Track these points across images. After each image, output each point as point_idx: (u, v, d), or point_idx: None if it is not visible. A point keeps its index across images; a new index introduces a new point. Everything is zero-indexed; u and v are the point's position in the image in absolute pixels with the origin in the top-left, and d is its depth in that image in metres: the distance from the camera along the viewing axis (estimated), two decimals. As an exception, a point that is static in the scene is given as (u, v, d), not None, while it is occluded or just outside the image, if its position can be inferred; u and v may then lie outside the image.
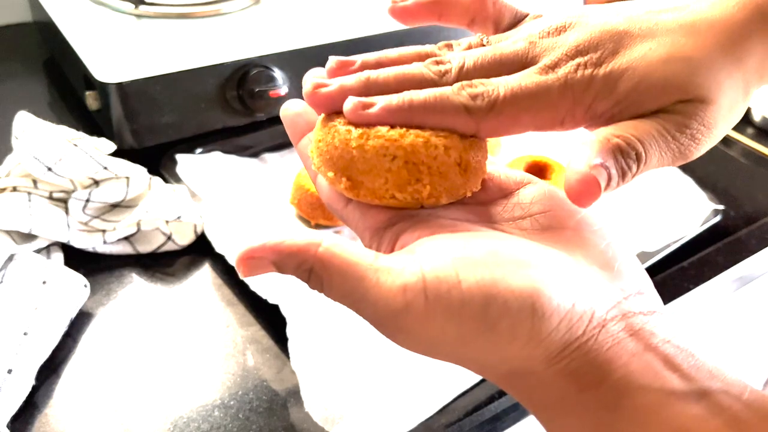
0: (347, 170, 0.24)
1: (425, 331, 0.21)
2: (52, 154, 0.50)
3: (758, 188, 0.67)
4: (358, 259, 0.22)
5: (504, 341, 0.21)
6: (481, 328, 0.21)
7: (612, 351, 0.21)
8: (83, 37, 0.60)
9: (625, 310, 0.22)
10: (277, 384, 0.44)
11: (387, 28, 0.68)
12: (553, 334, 0.21)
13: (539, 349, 0.21)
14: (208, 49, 0.59)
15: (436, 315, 0.21)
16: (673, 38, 0.24)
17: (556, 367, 0.21)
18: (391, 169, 0.23)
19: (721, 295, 0.57)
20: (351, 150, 0.24)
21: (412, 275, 0.21)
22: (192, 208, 0.53)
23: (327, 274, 0.22)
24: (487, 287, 0.20)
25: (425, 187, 0.24)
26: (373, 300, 0.21)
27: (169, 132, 0.59)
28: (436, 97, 0.24)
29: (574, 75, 0.24)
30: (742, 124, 0.77)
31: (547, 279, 0.21)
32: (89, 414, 0.41)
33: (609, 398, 0.21)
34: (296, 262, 0.22)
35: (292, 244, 0.22)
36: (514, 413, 0.45)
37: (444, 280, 0.21)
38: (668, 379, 0.20)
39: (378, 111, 0.24)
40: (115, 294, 0.49)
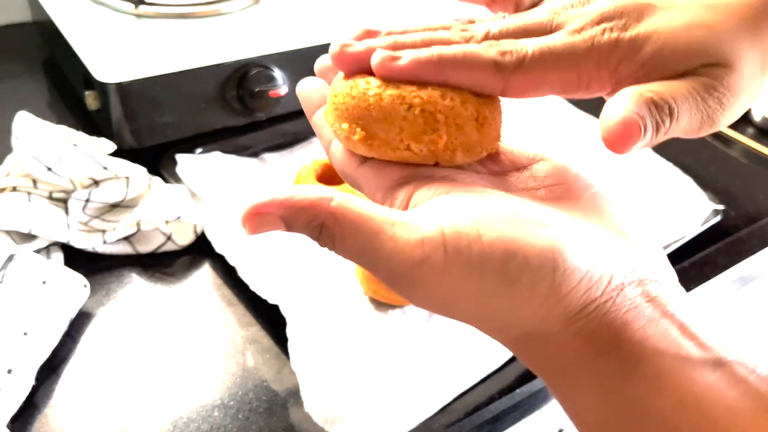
0: (362, 119, 0.23)
1: (443, 287, 0.20)
2: (52, 154, 0.50)
3: (759, 188, 0.67)
4: (373, 214, 0.21)
5: (524, 298, 0.20)
6: (500, 284, 0.20)
7: (630, 314, 0.21)
8: (83, 37, 0.60)
9: (642, 276, 0.22)
10: (276, 384, 0.43)
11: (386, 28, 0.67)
12: (573, 293, 0.20)
13: (558, 307, 0.21)
14: (207, 49, 0.59)
15: (456, 269, 0.20)
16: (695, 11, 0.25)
17: (573, 327, 0.21)
18: (407, 118, 0.23)
19: (722, 295, 0.56)
20: (368, 99, 0.23)
21: (430, 229, 0.20)
22: (192, 208, 0.53)
23: (339, 228, 0.21)
24: (508, 242, 0.20)
25: (441, 138, 0.23)
26: (388, 254, 0.21)
27: (168, 132, 0.59)
28: (466, 53, 0.24)
29: (600, 38, 0.24)
30: (743, 124, 0.77)
31: (568, 238, 0.21)
32: (89, 414, 0.41)
33: (625, 363, 0.20)
34: (307, 217, 0.21)
35: (303, 198, 0.21)
36: (513, 413, 0.45)
37: (464, 234, 0.20)
38: (685, 346, 0.20)
39: (407, 63, 0.23)
40: (115, 294, 0.49)
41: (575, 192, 0.24)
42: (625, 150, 0.23)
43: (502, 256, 0.20)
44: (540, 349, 0.22)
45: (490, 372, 0.44)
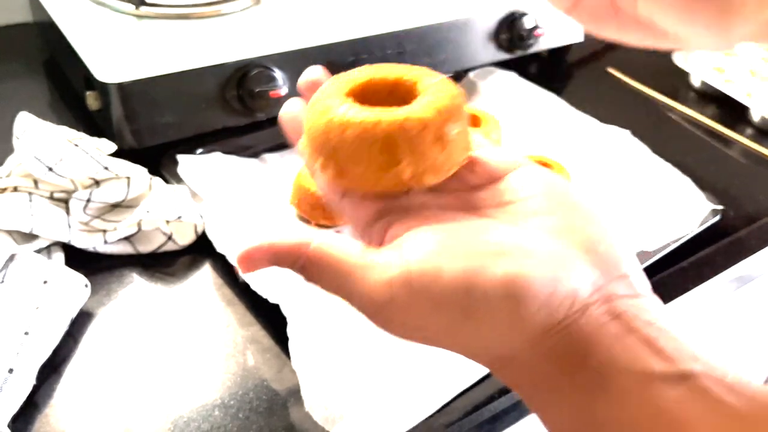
0: (333, 158, 0.25)
1: (411, 321, 0.22)
2: (53, 154, 0.50)
3: (758, 188, 0.67)
4: (346, 256, 0.23)
5: (487, 327, 0.22)
6: (464, 317, 0.21)
7: (594, 334, 0.21)
8: (84, 37, 0.60)
9: (608, 293, 0.22)
10: (277, 384, 0.44)
11: (387, 29, 0.68)
12: (534, 319, 0.21)
13: (522, 334, 0.22)
14: (208, 49, 0.59)
15: (421, 306, 0.22)
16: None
17: (540, 349, 0.22)
18: (372, 154, 0.24)
19: (721, 295, 0.57)
20: (334, 138, 0.24)
21: (396, 269, 0.22)
22: (192, 208, 0.54)
23: (317, 270, 0.23)
24: (467, 278, 0.21)
25: (407, 168, 0.24)
26: (359, 294, 0.23)
27: (169, 132, 0.59)
28: None
29: None
30: (742, 124, 0.77)
31: (526, 265, 0.22)
32: (90, 413, 0.41)
33: (590, 380, 0.21)
34: (289, 260, 0.24)
35: (285, 244, 0.24)
36: (513, 413, 0.45)
37: (427, 272, 0.22)
38: (650, 361, 0.21)
39: None
40: (116, 294, 0.50)
41: (549, 205, 0.25)
42: None
43: (463, 291, 0.21)
44: (512, 370, 0.23)
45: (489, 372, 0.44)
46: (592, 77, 0.85)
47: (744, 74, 0.82)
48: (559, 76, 0.85)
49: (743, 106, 0.77)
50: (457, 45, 0.73)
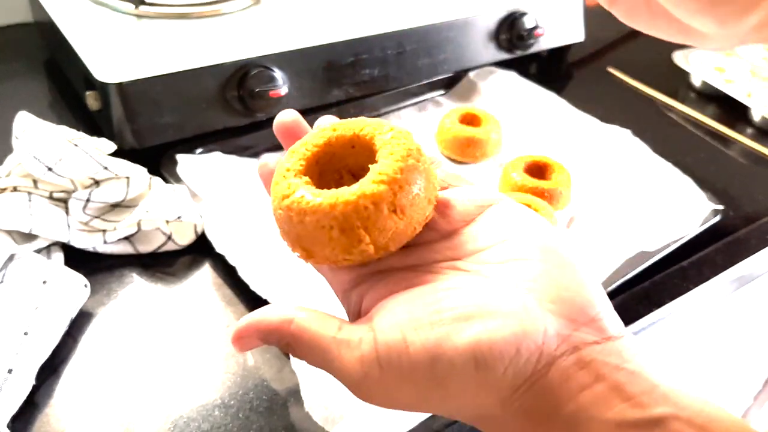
0: (299, 242, 0.26)
1: (386, 393, 0.23)
2: (53, 154, 0.50)
3: (758, 188, 0.67)
4: (323, 334, 0.25)
5: (455, 395, 0.23)
6: (432, 386, 0.22)
7: (563, 386, 0.22)
8: (84, 37, 0.60)
9: (575, 342, 0.22)
10: (277, 383, 0.44)
11: (387, 29, 0.68)
12: (502, 381, 0.22)
13: (491, 396, 0.22)
14: (208, 49, 0.59)
15: (391, 380, 0.23)
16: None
17: (510, 408, 0.23)
18: (332, 238, 0.25)
19: (721, 295, 0.57)
20: (296, 225, 0.26)
21: (366, 345, 0.23)
22: (192, 208, 0.54)
23: (299, 347, 0.25)
24: (432, 349, 0.22)
25: (369, 246, 0.25)
26: (338, 369, 0.24)
27: (169, 132, 0.59)
28: None
29: None
30: (742, 124, 0.77)
31: (489, 328, 0.22)
32: (90, 413, 0.41)
33: (563, 431, 0.22)
34: (276, 338, 0.26)
35: (270, 323, 0.26)
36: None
37: (393, 347, 0.23)
38: (619, 409, 0.21)
39: None
40: (116, 294, 0.50)
41: (519, 249, 0.25)
42: None
43: (428, 363, 0.22)
44: (489, 427, 0.24)
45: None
46: (592, 77, 0.85)
47: (744, 74, 0.82)
48: (559, 76, 0.85)
49: (743, 106, 0.77)
50: (457, 45, 0.73)
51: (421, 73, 0.72)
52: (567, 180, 0.59)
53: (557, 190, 0.58)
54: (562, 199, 0.58)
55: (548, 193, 0.57)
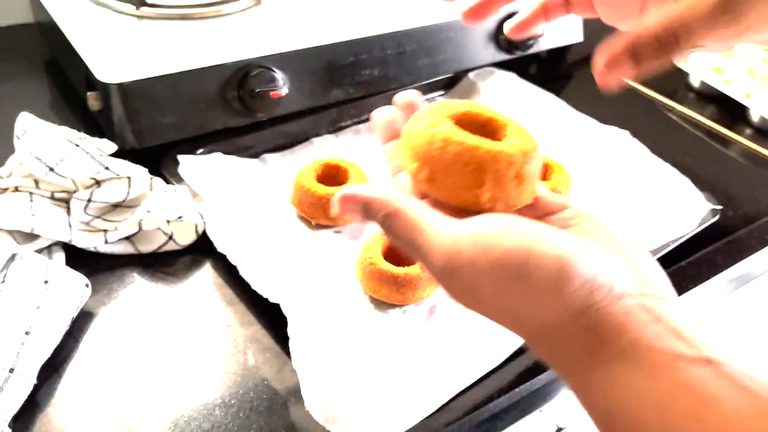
0: (429, 165, 0.29)
1: (470, 277, 0.25)
2: (54, 154, 0.50)
3: (757, 188, 0.67)
4: (424, 217, 0.27)
5: (534, 294, 0.25)
6: (516, 279, 0.25)
7: (628, 318, 0.24)
8: (85, 38, 0.60)
9: (640, 291, 0.25)
10: (277, 383, 0.44)
11: (387, 29, 0.68)
12: (576, 294, 0.25)
13: (564, 304, 0.25)
14: (209, 49, 0.59)
15: (481, 263, 0.25)
16: None
17: (579, 323, 0.25)
18: (463, 173, 0.28)
19: (720, 294, 0.57)
20: (435, 150, 0.29)
21: (465, 232, 0.26)
22: (193, 208, 0.54)
23: (397, 223, 0.27)
24: (525, 247, 0.25)
25: (486, 192, 0.28)
26: (430, 246, 0.26)
27: (170, 132, 0.59)
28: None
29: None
30: (741, 124, 0.77)
31: (576, 251, 0.25)
32: (91, 413, 0.41)
33: (623, 354, 0.24)
34: (377, 209, 0.28)
35: (377, 197, 0.28)
36: (513, 412, 0.45)
37: (491, 236, 0.25)
38: (677, 345, 0.23)
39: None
40: (117, 293, 0.50)
41: (596, 235, 0.28)
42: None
43: (519, 258, 0.25)
44: (551, 340, 0.26)
45: (489, 370, 0.44)
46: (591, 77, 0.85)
47: (743, 74, 0.83)
48: (558, 77, 0.85)
49: (742, 107, 0.77)
50: (456, 45, 0.73)
51: (421, 74, 0.72)
52: (566, 180, 0.59)
53: (556, 190, 0.58)
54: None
55: (548, 194, 0.57)
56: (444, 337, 0.46)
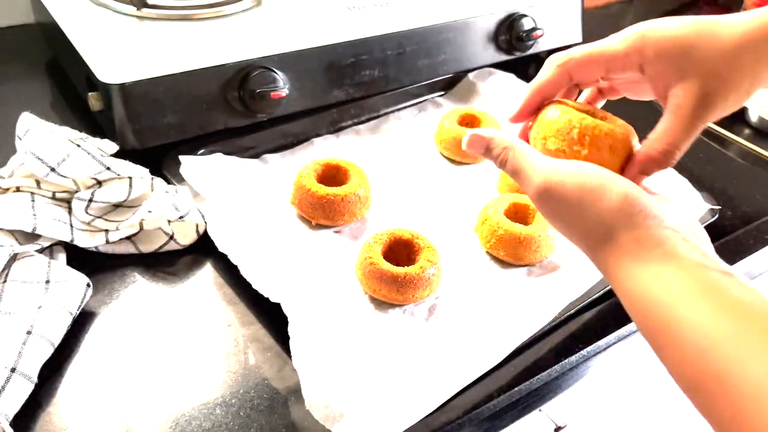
0: (578, 141, 0.38)
1: (559, 193, 0.35)
2: (55, 154, 0.50)
3: (755, 188, 0.67)
4: (530, 152, 0.37)
5: (605, 209, 0.34)
6: (593, 198, 0.34)
7: (668, 239, 0.32)
8: (86, 38, 0.60)
9: (685, 233, 0.33)
10: (278, 382, 0.44)
11: (387, 30, 0.68)
12: (635, 216, 0.33)
13: (624, 221, 0.33)
14: (209, 50, 0.59)
15: (569, 183, 0.34)
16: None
17: (632, 235, 0.33)
18: (603, 147, 0.38)
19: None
20: (582, 131, 0.38)
21: (560, 164, 0.36)
22: (194, 208, 0.54)
23: (512, 162, 0.37)
24: (602, 178, 0.35)
25: (585, 151, 0.37)
26: (533, 171, 0.36)
27: (171, 133, 0.60)
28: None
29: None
30: (739, 124, 0.77)
31: (640, 190, 0.34)
32: (92, 412, 0.41)
33: (663, 257, 0.32)
34: (497, 144, 0.38)
35: (499, 137, 0.38)
36: (512, 411, 0.46)
37: (579, 167, 0.35)
38: (704, 260, 0.32)
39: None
40: (118, 293, 0.50)
41: (666, 198, 0.37)
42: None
43: (597, 184, 0.34)
44: (606, 248, 0.34)
45: (489, 370, 0.44)
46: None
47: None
48: (558, 77, 0.85)
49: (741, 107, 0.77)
50: (456, 46, 0.73)
51: (421, 74, 0.72)
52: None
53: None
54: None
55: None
56: (444, 336, 0.46)
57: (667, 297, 0.31)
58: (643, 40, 0.37)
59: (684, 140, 0.37)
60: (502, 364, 0.45)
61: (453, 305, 0.49)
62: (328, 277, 0.51)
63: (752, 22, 0.36)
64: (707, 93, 0.36)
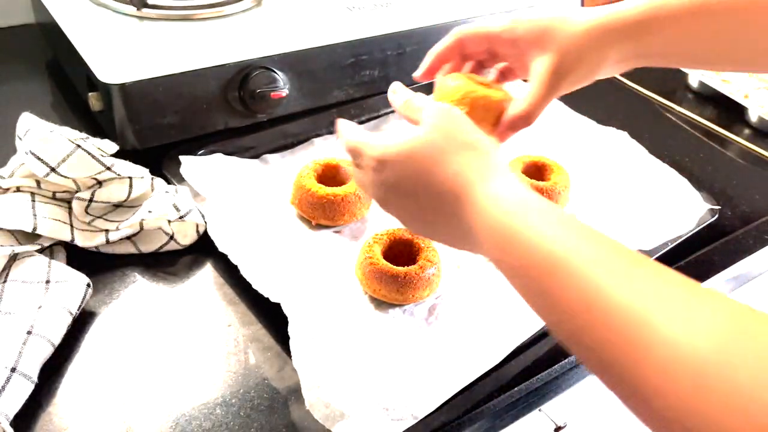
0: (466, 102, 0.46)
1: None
2: (56, 154, 0.50)
3: (755, 188, 0.67)
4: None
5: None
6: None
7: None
8: (86, 38, 0.60)
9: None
10: (278, 382, 0.44)
11: (387, 30, 0.68)
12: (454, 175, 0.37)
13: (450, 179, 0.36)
14: (210, 50, 0.59)
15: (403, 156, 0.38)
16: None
17: (455, 186, 0.37)
18: (481, 113, 0.46)
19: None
20: (468, 96, 0.46)
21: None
22: (194, 208, 0.54)
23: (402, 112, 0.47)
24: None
25: (464, 110, 0.42)
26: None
27: (171, 133, 0.60)
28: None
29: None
30: (739, 124, 0.77)
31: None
32: (92, 412, 0.41)
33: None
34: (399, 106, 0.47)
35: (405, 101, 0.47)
36: (512, 411, 0.46)
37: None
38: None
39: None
40: (118, 293, 0.50)
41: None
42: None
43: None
44: (446, 204, 0.37)
45: (488, 369, 0.44)
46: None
47: (741, 75, 0.83)
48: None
49: (741, 107, 0.77)
50: (456, 46, 0.73)
51: (421, 75, 0.72)
52: (566, 180, 0.60)
53: (556, 191, 0.58)
54: (560, 199, 0.59)
55: (547, 193, 0.58)
56: (444, 336, 0.46)
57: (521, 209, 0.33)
58: (516, 23, 0.47)
59: (542, 103, 0.46)
60: (502, 364, 0.45)
61: (453, 305, 0.49)
62: (328, 277, 0.51)
63: (598, 14, 0.45)
64: (561, 64, 0.45)
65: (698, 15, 0.43)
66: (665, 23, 0.44)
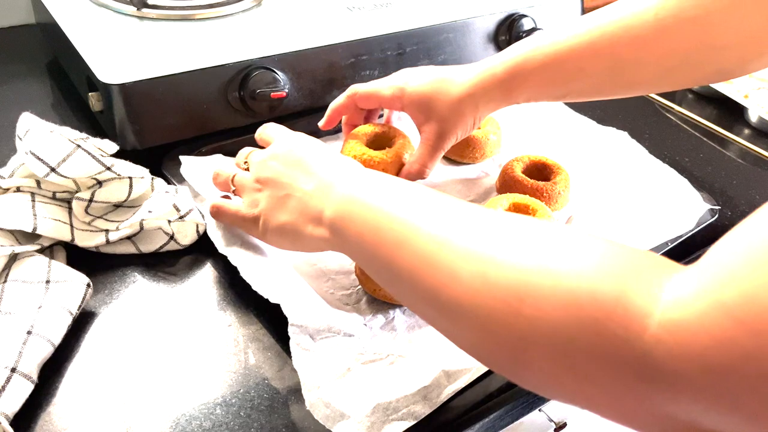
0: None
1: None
2: (56, 154, 0.50)
3: (755, 188, 0.67)
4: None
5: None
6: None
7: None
8: (87, 38, 0.60)
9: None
10: (278, 382, 0.44)
11: (387, 30, 0.68)
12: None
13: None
14: (210, 50, 0.59)
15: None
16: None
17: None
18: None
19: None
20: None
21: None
22: (194, 208, 0.54)
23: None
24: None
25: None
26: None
27: (171, 133, 0.60)
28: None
29: None
30: (739, 125, 0.77)
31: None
32: (92, 412, 0.41)
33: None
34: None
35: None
36: (512, 411, 0.46)
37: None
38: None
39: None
40: (118, 293, 0.50)
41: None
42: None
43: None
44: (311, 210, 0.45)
45: (488, 369, 0.44)
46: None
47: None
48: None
49: (741, 107, 0.77)
50: (456, 46, 0.73)
51: (421, 75, 0.72)
52: (566, 180, 0.60)
53: (556, 191, 0.58)
54: (561, 199, 0.59)
55: (547, 194, 0.58)
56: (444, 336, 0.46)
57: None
58: (402, 92, 0.54)
59: (430, 161, 0.54)
60: (502, 364, 0.45)
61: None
62: (328, 277, 0.51)
63: (471, 76, 0.53)
64: (443, 130, 0.53)
65: (555, 64, 0.50)
66: (529, 77, 0.51)
